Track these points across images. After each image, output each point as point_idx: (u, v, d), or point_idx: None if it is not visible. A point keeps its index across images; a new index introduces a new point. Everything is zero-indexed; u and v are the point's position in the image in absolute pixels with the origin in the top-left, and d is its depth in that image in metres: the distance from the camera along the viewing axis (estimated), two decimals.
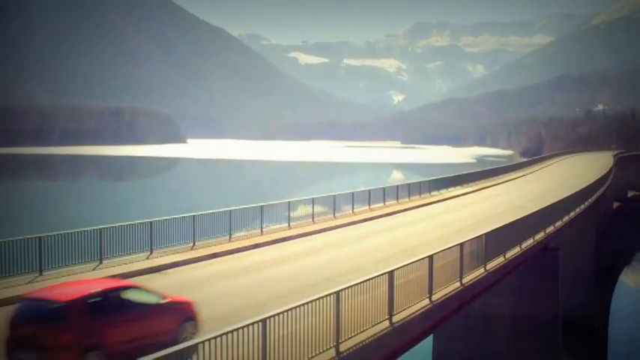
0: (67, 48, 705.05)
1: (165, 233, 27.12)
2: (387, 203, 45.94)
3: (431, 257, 19.56)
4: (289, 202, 35.47)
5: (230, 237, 30.17)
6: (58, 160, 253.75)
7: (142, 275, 23.19)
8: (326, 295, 14.75)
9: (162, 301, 15.64)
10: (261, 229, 32.64)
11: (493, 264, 24.79)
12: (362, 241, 32.15)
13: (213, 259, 26.68)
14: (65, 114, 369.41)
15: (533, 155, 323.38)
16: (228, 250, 27.97)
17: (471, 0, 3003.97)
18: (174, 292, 17.24)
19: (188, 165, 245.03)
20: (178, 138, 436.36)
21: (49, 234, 22.40)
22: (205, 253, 26.90)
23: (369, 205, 43.71)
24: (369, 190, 44.15)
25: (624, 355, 41.25)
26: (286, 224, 34.75)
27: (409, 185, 52.08)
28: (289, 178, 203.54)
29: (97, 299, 14.35)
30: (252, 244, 29.51)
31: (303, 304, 14.08)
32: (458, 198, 54.56)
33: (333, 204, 39.84)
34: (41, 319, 13.78)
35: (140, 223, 25.97)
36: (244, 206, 32.59)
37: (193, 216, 28.33)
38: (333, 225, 36.16)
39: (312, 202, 37.38)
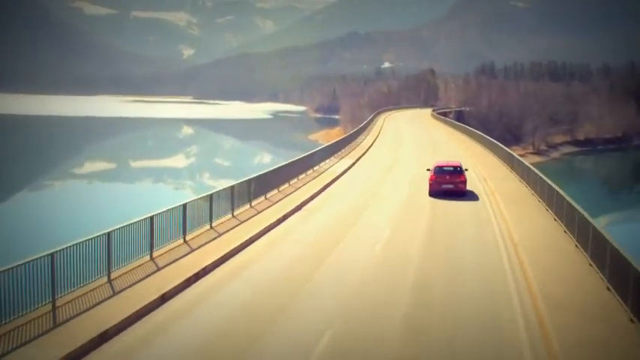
0: None
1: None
2: (268, 196, 34.13)
3: None
4: (186, 204, 22.47)
5: (110, 278, 17.30)
6: None
7: None
8: None
9: (466, 169, 36.69)
10: (151, 253, 19.88)
11: None
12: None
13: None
14: None
15: (329, 111, 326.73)
16: (123, 321, 14.97)
17: None
18: None
19: None
20: None
21: None
22: (86, 341, 13.75)
23: (265, 195, 31.68)
24: (250, 180, 30.95)
25: None
26: (181, 239, 22.08)
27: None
28: (73, 134, 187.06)
29: (460, 166, 36.02)
30: (158, 297, 16.65)
31: None
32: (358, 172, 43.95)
33: (231, 197, 27.22)
34: (452, 172, 35.03)
35: None
36: (126, 223, 18.98)
37: (52, 255, 15.04)
38: (237, 246, 23.75)
39: (210, 199, 24.65)
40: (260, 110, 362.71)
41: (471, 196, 34.49)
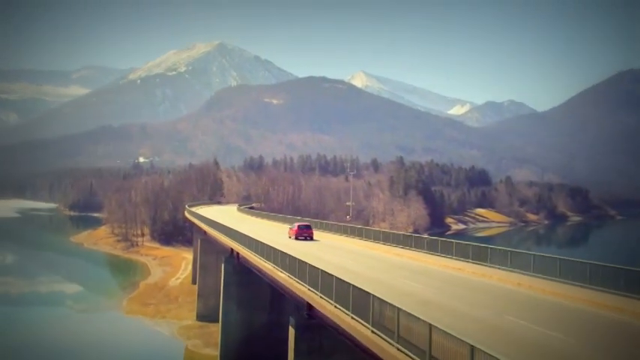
0: None
1: None
2: None
3: None
4: None
5: None
6: None
7: None
8: None
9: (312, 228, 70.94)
10: None
11: None
12: None
13: None
14: None
15: (85, 208, 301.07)
16: None
17: (5, 46, 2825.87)
18: None
19: None
20: None
21: None
22: None
23: None
24: None
25: None
26: None
27: None
28: None
29: (310, 225, 71.93)
30: None
31: None
32: None
33: None
34: (306, 228, 68.36)
35: None
36: None
37: None
38: None
39: None
40: (5, 208, 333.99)
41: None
